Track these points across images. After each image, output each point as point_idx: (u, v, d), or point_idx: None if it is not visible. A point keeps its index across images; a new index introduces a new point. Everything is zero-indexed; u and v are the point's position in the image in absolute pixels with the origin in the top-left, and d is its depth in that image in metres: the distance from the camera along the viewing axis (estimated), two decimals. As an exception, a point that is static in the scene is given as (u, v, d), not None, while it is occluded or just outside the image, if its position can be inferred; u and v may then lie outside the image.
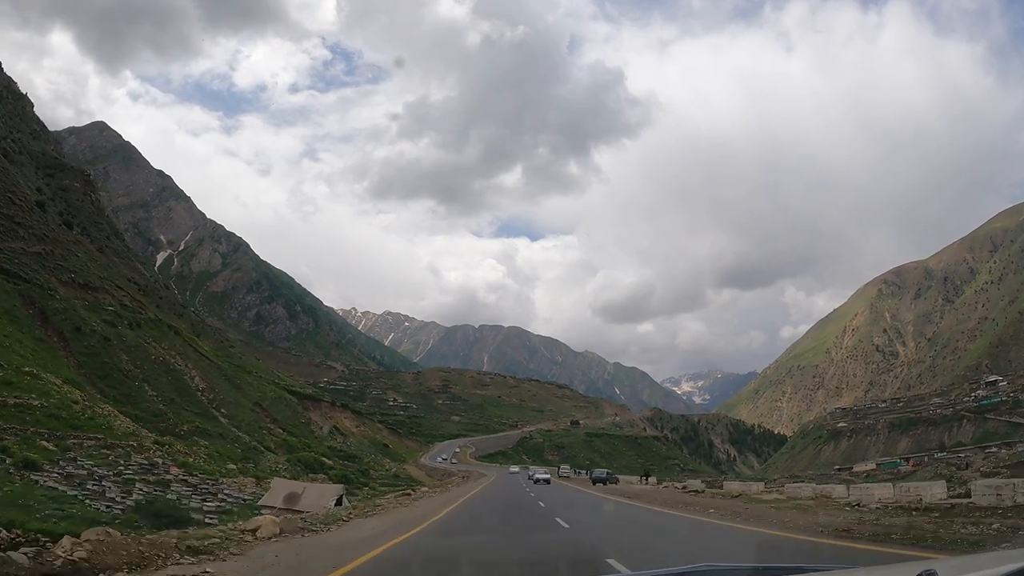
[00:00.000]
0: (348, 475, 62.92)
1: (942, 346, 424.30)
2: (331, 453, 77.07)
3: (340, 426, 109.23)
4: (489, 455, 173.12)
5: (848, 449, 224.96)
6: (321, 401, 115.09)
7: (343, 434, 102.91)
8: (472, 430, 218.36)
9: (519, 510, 28.70)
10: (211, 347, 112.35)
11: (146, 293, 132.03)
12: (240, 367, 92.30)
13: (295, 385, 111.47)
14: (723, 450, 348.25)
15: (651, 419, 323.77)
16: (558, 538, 17.87)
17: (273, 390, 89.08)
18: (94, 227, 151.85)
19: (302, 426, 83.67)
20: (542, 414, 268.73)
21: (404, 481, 79.15)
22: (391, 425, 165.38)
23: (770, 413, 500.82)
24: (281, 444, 66.98)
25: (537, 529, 20.18)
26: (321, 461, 65.52)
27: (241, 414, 66.23)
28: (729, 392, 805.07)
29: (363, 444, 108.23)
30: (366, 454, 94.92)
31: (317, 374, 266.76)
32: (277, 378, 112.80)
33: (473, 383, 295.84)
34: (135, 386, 56.21)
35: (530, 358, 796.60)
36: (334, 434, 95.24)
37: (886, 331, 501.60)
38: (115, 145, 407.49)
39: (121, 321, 67.78)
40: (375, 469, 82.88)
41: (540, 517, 24.36)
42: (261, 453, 58.42)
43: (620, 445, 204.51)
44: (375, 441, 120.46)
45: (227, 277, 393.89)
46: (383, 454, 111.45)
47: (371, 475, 74.86)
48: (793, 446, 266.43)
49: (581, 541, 17.49)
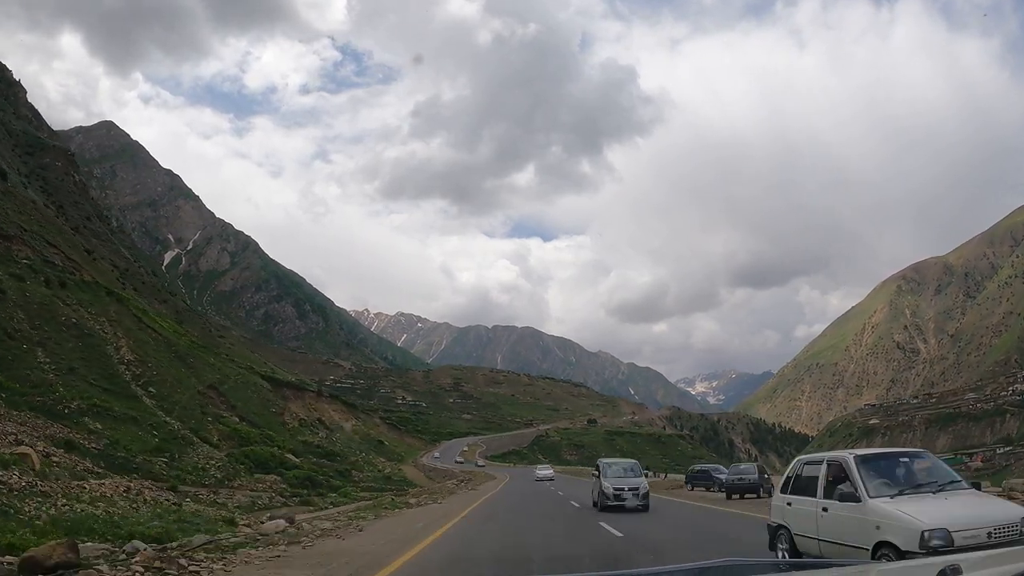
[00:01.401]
0: (315, 476, 49.03)
1: (966, 342, 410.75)
2: (305, 449, 63.17)
3: (327, 420, 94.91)
4: (502, 455, 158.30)
5: (883, 447, 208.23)
6: (305, 391, 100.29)
7: (328, 428, 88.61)
8: (484, 428, 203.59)
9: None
10: (187, 331, 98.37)
11: (125, 276, 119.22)
12: (204, 346, 78.27)
13: (274, 371, 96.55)
14: (744, 449, 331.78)
15: (670, 418, 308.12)
16: None
17: (240, 373, 74.92)
18: (73, 207, 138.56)
19: (272, 416, 69.38)
20: (557, 413, 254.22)
21: (396, 483, 65.03)
22: (392, 421, 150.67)
23: (789, 412, 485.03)
24: (230, 435, 52.68)
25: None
26: (283, 458, 51.32)
27: (179, 396, 52.11)
28: (744, 392, 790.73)
29: (353, 440, 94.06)
30: (355, 452, 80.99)
31: (323, 372, 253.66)
32: (253, 362, 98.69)
33: (486, 381, 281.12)
34: (21, 349, 41.89)
35: (543, 358, 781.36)
36: (316, 428, 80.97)
37: (906, 328, 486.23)
38: (123, 144, 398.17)
39: (35, 277, 53.78)
40: (363, 469, 69.04)
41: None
42: (191, 445, 44.18)
43: (643, 444, 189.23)
44: (368, 438, 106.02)
45: (235, 276, 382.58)
46: (377, 452, 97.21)
47: (353, 476, 61.00)
48: (820, 444, 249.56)
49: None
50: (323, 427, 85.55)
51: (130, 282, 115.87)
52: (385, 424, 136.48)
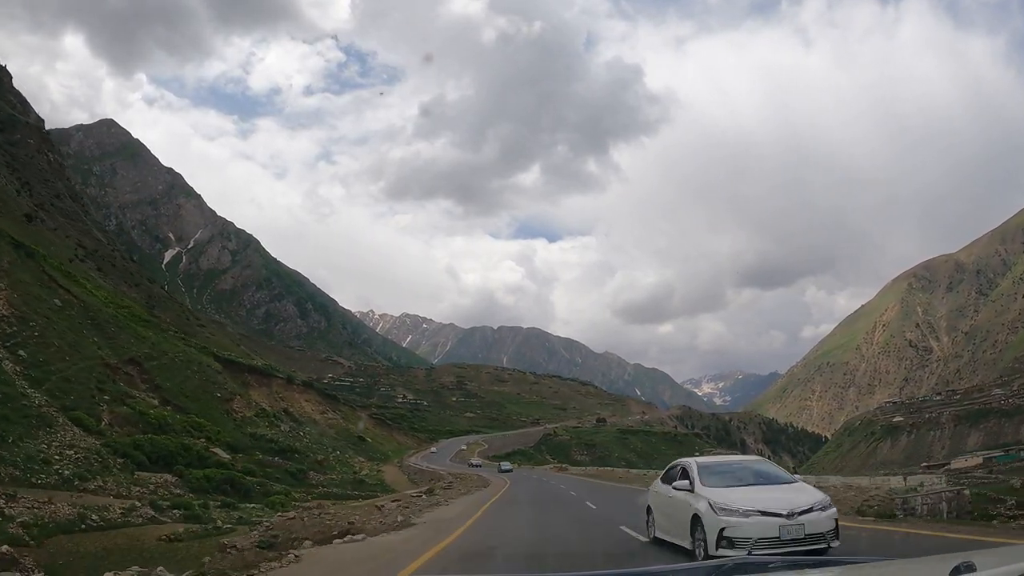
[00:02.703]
0: (242, 478, 36.23)
1: (981, 339, 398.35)
2: (252, 443, 50.67)
3: (297, 411, 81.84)
4: (506, 454, 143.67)
5: (910, 446, 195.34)
6: (273, 377, 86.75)
7: (297, 421, 75.66)
8: (487, 426, 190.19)
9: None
10: (157, 315, 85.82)
11: (91, 255, 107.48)
12: (146, 320, 65.65)
13: (231, 353, 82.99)
14: (756, 450, 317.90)
15: (680, 417, 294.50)
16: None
17: (183, 351, 62.29)
18: (42, 184, 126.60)
19: (213, 402, 56.84)
20: (564, 412, 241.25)
21: (368, 488, 52.36)
22: (380, 417, 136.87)
23: (799, 412, 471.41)
24: (133, 419, 39.96)
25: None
26: (206, 453, 38.66)
27: (66, 366, 39.91)
28: (750, 393, 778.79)
29: (326, 436, 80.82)
30: (326, 449, 68.35)
31: (322, 370, 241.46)
32: (208, 340, 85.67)
33: (490, 379, 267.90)
34: None
35: (549, 359, 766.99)
36: (279, 420, 68.11)
37: (918, 326, 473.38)
38: (123, 142, 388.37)
39: None
40: (332, 469, 56.66)
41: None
42: (51, 427, 31.47)
43: (658, 443, 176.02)
44: (346, 433, 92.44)
45: (236, 275, 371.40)
46: (356, 450, 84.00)
47: (309, 478, 48.50)
48: (839, 444, 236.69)
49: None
50: (289, 419, 72.66)
51: (94, 261, 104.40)
52: (372, 420, 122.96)
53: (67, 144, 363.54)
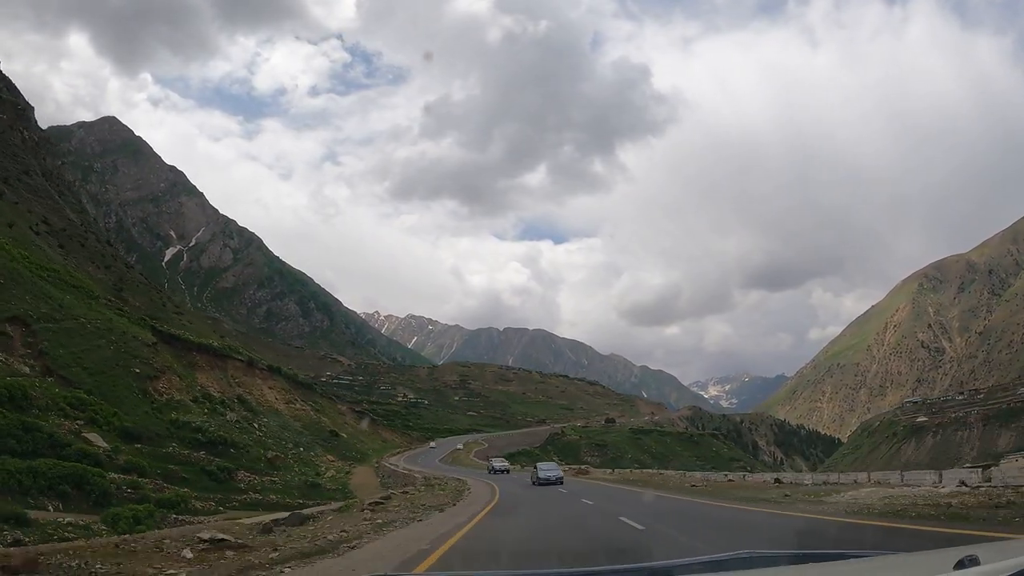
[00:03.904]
0: (90, 476, 25.13)
1: (996, 339, 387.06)
2: (170, 432, 39.78)
3: (256, 399, 70.10)
4: (510, 455, 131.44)
5: (936, 447, 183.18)
6: (230, 359, 74.61)
7: (253, 410, 64.31)
8: (490, 425, 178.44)
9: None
10: (127, 299, 75.07)
11: (55, 232, 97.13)
12: (63, 282, 54.64)
13: (172, 328, 70.53)
14: (768, 452, 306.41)
15: (691, 418, 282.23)
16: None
17: (101, 316, 51.26)
18: (11, 159, 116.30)
19: (127, 378, 45.55)
20: (572, 412, 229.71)
21: (326, 493, 41.50)
22: (366, 412, 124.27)
23: (809, 414, 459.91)
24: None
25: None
26: (62, 438, 27.63)
27: None
28: (757, 395, 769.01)
29: (290, 429, 68.93)
30: (284, 443, 57.11)
31: (321, 368, 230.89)
32: (147, 313, 74.01)
33: (494, 378, 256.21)
34: None
35: (555, 361, 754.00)
36: (229, 407, 56.98)
37: (930, 327, 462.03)
38: (124, 140, 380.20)
39: None
40: (286, 469, 45.83)
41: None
42: None
43: (673, 444, 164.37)
44: (316, 427, 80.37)
45: (237, 273, 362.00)
46: (326, 446, 71.89)
47: (237, 480, 37.67)
48: (858, 445, 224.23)
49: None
50: (243, 408, 61.50)
51: (56, 238, 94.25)
52: (354, 414, 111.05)
53: (68, 141, 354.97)
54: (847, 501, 22.04)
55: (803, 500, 23.54)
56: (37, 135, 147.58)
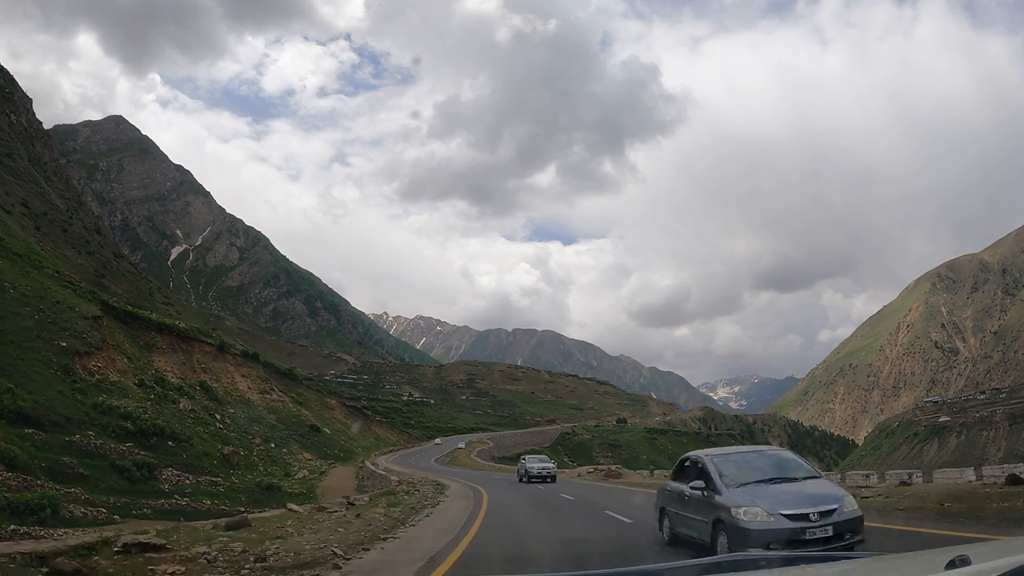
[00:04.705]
0: None
1: (1012, 339, 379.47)
2: (89, 417, 32.97)
3: (224, 387, 62.48)
4: (516, 455, 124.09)
5: (960, 447, 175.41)
6: (196, 342, 66.87)
7: (217, 399, 56.89)
8: (497, 424, 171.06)
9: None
10: (110, 284, 68.38)
11: (37, 216, 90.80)
12: (15, 255, 47.86)
13: (110, 298, 62.07)
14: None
15: (703, 419, 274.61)
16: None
17: (35, 284, 44.38)
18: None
19: (45, 352, 38.71)
20: (582, 412, 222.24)
21: (285, 497, 34.63)
22: (361, 408, 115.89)
23: (821, 415, 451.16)
24: None
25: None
26: None
27: None
28: (766, 397, 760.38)
29: (262, 421, 60.94)
30: (248, 438, 49.81)
31: (324, 366, 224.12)
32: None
33: (502, 377, 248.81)
34: None
35: (564, 362, 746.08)
36: (185, 394, 49.94)
37: (944, 327, 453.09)
38: (131, 139, 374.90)
39: None
40: (246, 468, 38.82)
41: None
42: None
43: (689, 443, 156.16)
44: (295, 420, 72.33)
45: (243, 271, 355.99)
46: (304, 443, 63.82)
47: (160, 479, 30.78)
48: (877, 446, 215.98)
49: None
50: (205, 395, 54.39)
51: (34, 220, 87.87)
52: (345, 408, 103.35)
53: (73, 139, 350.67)
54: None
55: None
56: (26, 119, 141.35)
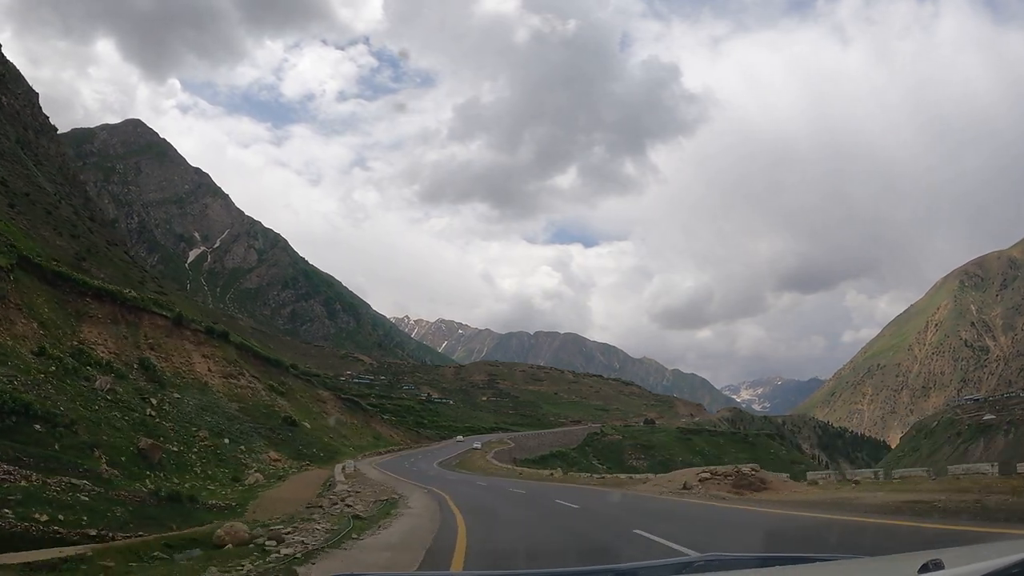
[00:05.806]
0: None
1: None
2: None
3: (175, 367, 53.12)
4: (542, 457, 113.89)
5: (1009, 446, 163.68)
6: (147, 313, 56.71)
7: (159, 381, 47.41)
8: (518, 424, 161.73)
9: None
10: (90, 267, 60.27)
11: (19, 197, 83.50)
12: None
13: (52, 259, 52.81)
14: (812, 455, 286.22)
15: (731, 419, 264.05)
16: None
17: None
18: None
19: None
20: (607, 413, 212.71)
21: (204, 514, 25.75)
22: (357, 404, 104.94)
23: (849, 416, 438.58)
24: None
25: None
26: None
27: None
28: (789, 398, 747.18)
29: (217, 411, 50.54)
30: (191, 431, 40.60)
31: (341, 366, 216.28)
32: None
33: (524, 378, 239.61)
34: None
35: (587, 364, 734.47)
36: (121, 372, 41.31)
37: (973, 325, 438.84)
38: (149, 141, 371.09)
39: None
40: (170, 469, 30.18)
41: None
42: None
43: (727, 444, 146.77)
44: (267, 412, 62.92)
45: (261, 273, 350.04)
46: (273, 439, 55.89)
47: None
48: (916, 447, 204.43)
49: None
50: (144, 375, 45.25)
51: (10, 198, 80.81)
52: (340, 401, 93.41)
53: (91, 142, 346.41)
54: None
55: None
56: (31, 112, 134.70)
